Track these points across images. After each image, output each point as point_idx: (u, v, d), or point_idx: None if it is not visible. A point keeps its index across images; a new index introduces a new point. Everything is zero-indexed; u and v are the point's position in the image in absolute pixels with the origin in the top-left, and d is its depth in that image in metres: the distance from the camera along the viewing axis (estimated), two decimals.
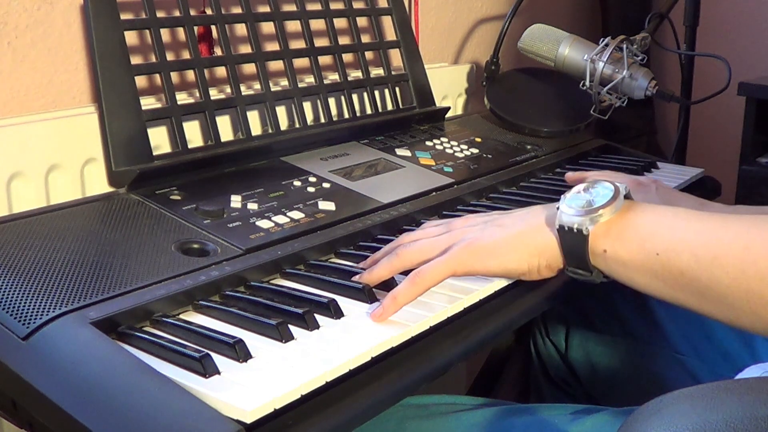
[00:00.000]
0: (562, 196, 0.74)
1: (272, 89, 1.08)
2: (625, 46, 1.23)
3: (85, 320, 0.66)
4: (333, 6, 1.19)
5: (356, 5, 1.24)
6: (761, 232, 0.63)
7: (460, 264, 0.75)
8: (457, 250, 0.75)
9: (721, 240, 0.65)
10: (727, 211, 0.98)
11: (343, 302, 0.75)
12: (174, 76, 0.99)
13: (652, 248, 0.68)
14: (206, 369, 0.61)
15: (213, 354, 0.63)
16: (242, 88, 1.06)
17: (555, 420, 0.80)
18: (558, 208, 0.73)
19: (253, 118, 1.09)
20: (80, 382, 0.60)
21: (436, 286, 0.75)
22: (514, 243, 0.75)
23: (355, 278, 0.78)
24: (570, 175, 1.10)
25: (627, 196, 0.72)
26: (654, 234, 0.68)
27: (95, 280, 0.71)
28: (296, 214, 0.90)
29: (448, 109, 1.34)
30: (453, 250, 0.75)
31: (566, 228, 0.71)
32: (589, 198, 0.72)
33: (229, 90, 1.05)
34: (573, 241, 0.71)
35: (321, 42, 1.17)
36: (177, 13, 1.01)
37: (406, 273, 0.76)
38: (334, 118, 1.16)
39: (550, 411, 0.82)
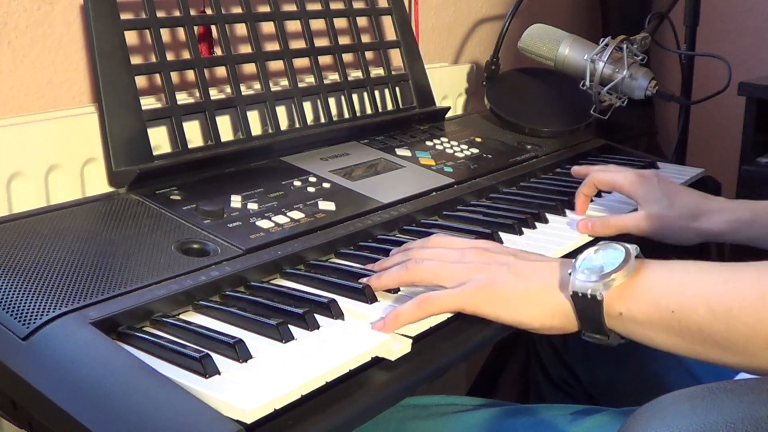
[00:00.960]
0: (573, 261, 0.72)
1: (272, 89, 1.08)
2: (625, 46, 1.23)
3: (85, 320, 0.66)
4: (333, 6, 1.19)
5: (356, 5, 1.24)
6: None
7: (471, 304, 0.73)
8: (470, 288, 0.74)
9: (735, 291, 0.64)
10: (727, 207, 0.98)
11: (343, 302, 0.75)
12: (174, 76, 0.99)
13: (667, 306, 0.67)
14: (206, 369, 0.61)
15: (213, 354, 0.63)
16: (242, 88, 1.06)
17: (555, 420, 0.80)
18: (570, 273, 0.72)
19: (253, 118, 1.09)
20: (80, 382, 0.60)
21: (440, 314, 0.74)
22: (529, 299, 0.73)
23: (363, 281, 0.78)
24: (576, 169, 1.11)
25: (638, 256, 0.71)
26: (667, 291, 0.68)
27: (95, 280, 0.71)
28: (296, 214, 0.90)
29: (448, 109, 1.34)
30: (467, 287, 0.74)
31: (580, 294, 0.70)
32: (602, 262, 0.71)
33: (229, 90, 1.05)
34: (587, 307, 0.70)
35: (321, 42, 1.17)
36: (177, 13, 1.01)
37: None
38: (334, 118, 1.16)
39: (550, 411, 0.82)
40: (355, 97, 1.21)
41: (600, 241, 0.74)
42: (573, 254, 0.93)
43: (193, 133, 1.03)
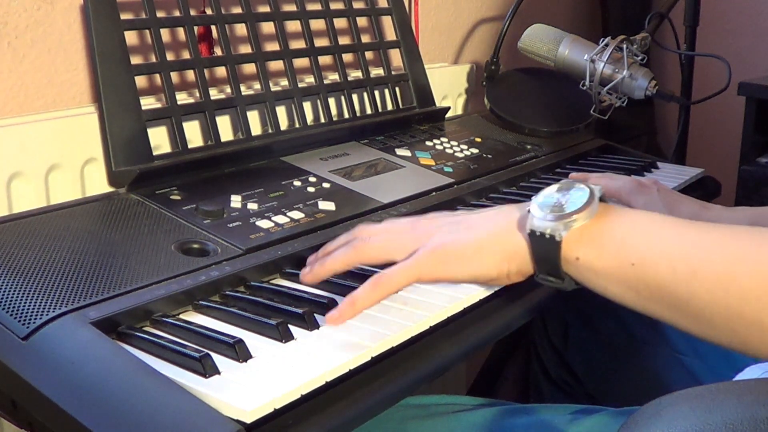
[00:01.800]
0: (534, 196, 0.69)
1: (272, 89, 1.08)
2: (625, 46, 1.23)
3: (85, 320, 0.66)
4: (333, 6, 1.19)
5: (356, 5, 1.24)
6: (743, 246, 0.60)
7: (426, 270, 0.70)
8: (422, 254, 0.70)
9: (701, 252, 0.61)
10: (725, 216, 0.98)
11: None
12: (174, 76, 0.99)
13: (627, 258, 0.64)
14: (206, 369, 0.61)
15: (213, 354, 0.63)
16: (242, 88, 1.06)
17: (555, 420, 0.80)
18: (528, 210, 0.68)
19: (253, 118, 1.09)
20: (80, 382, 0.60)
21: (398, 291, 0.71)
22: (482, 247, 0.70)
23: (305, 271, 0.74)
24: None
25: (602, 199, 0.68)
26: (629, 242, 0.64)
27: (95, 280, 0.71)
28: (296, 214, 0.90)
29: (448, 109, 1.34)
30: (418, 254, 0.70)
31: (537, 233, 0.67)
32: (563, 201, 0.67)
33: (229, 90, 1.05)
34: (544, 247, 0.67)
35: (321, 42, 1.17)
36: (177, 13, 1.01)
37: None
38: (334, 118, 1.16)
39: (550, 411, 0.82)
40: (355, 97, 1.21)
41: (562, 180, 0.70)
42: None
43: (193, 133, 1.03)
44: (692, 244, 0.62)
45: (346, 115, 1.18)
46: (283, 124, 1.10)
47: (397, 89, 1.28)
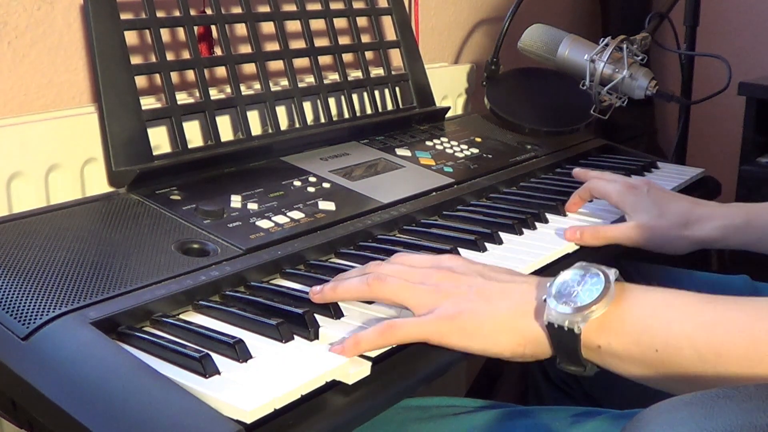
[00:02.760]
0: (549, 285, 0.68)
1: (272, 89, 1.08)
2: (625, 46, 1.23)
3: (85, 320, 0.66)
4: (333, 6, 1.19)
5: (356, 5, 1.24)
6: (764, 320, 0.60)
7: (438, 334, 0.69)
8: (437, 318, 0.69)
9: (724, 335, 0.61)
10: (718, 213, 0.97)
11: (343, 302, 0.75)
12: (174, 76, 0.99)
13: (650, 344, 0.63)
14: (206, 369, 0.61)
15: (213, 354, 0.63)
16: (242, 88, 1.06)
17: (555, 423, 0.79)
18: (545, 300, 0.67)
19: (253, 118, 1.09)
20: (80, 382, 0.60)
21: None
22: (499, 326, 0.69)
23: (316, 289, 0.74)
24: (577, 171, 1.10)
25: (618, 279, 0.67)
26: (650, 327, 0.64)
27: (95, 280, 0.71)
28: (296, 214, 0.90)
29: (448, 109, 1.34)
30: (433, 317, 0.69)
31: (556, 326, 0.66)
32: (579, 290, 0.66)
33: (229, 90, 1.05)
34: (563, 338, 0.66)
35: (321, 42, 1.17)
36: (177, 13, 1.01)
37: None
38: (334, 118, 1.16)
39: (550, 414, 0.82)
40: (355, 97, 1.21)
41: (577, 263, 0.69)
42: (573, 255, 0.94)
43: (193, 133, 1.03)
44: (714, 325, 0.62)
45: (346, 115, 1.18)
46: (283, 124, 1.10)
47: (397, 89, 1.28)
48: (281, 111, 1.11)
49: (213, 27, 1.06)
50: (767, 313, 0.60)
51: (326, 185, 0.99)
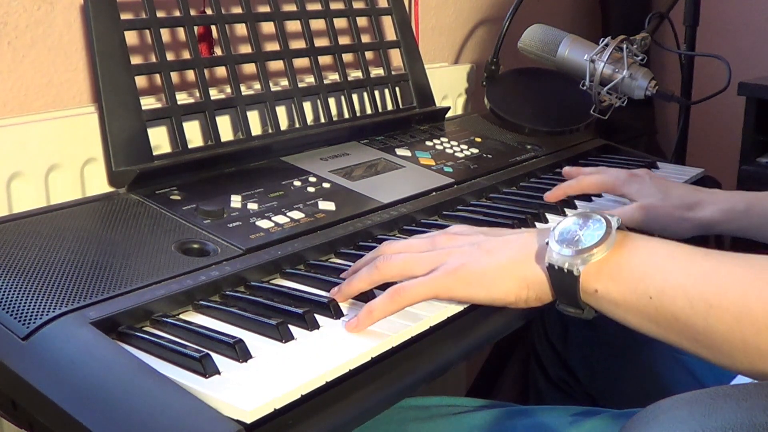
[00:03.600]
0: (552, 229, 0.70)
1: (272, 89, 1.08)
2: (625, 46, 1.23)
3: (85, 320, 0.66)
4: (333, 6, 1.19)
5: (356, 5, 1.24)
6: (758, 277, 0.61)
7: (444, 288, 0.72)
8: (442, 273, 0.72)
9: (717, 286, 0.62)
10: (719, 198, 0.98)
11: (343, 302, 0.75)
12: (174, 76, 0.99)
13: (644, 290, 0.65)
14: (206, 369, 0.61)
15: (213, 354, 0.63)
16: (242, 88, 1.06)
17: (555, 423, 0.80)
18: (547, 243, 0.69)
19: (253, 118, 1.09)
20: (80, 382, 0.60)
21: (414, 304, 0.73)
22: (501, 272, 0.71)
23: (334, 290, 0.75)
24: (567, 169, 1.11)
25: (620, 227, 0.69)
26: (647, 275, 0.65)
27: (95, 280, 0.71)
28: (296, 214, 0.90)
29: (448, 109, 1.34)
30: (438, 272, 0.72)
31: (556, 267, 0.68)
32: (580, 233, 0.68)
33: (229, 90, 1.05)
34: (563, 280, 0.68)
35: (321, 42, 1.17)
36: (177, 13, 1.01)
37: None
38: (334, 118, 1.16)
39: (550, 413, 0.82)
40: (355, 97, 1.21)
41: (579, 211, 0.72)
42: None
43: (193, 133, 1.03)
44: (707, 276, 0.63)
45: (346, 115, 1.18)
46: (283, 124, 1.10)
47: (397, 89, 1.28)
48: (281, 111, 1.11)
49: (213, 27, 1.06)
50: (759, 269, 0.62)
51: (326, 185, 0.99)
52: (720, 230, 1.00)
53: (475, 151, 1.22)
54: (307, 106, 1.14)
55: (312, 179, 1.00)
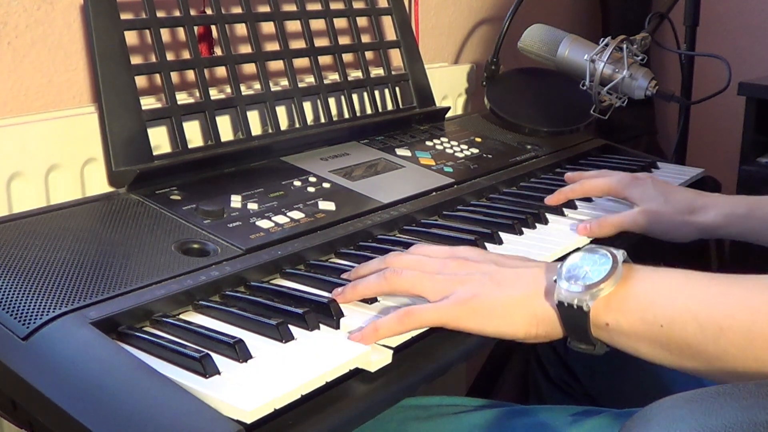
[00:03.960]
0: (559, 266, 0.71)
1: (272, 89, 1.08)
2: (625, 46, 1.23)
3: (85, 320, 0.66)
4: (333, 6, 1.19)
5: (356, 5, 1.24)
6: (766, 297, 0.62)
7: (454, 318, 0.72)
8: (452, 303, 0.72)
9: (726, 308, 0.63)
10: (721, 203, 0.98)
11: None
12: (174, 76, 0.99)
13: (654, 319, 0.66)
14: (206, 369, 0.61)
15: (213, 354, 0.63)
16: (242, 88, 1.06)
17: (555, 422, 0.80)
18: (555, 281, 0.70)
19: (253, 118, 1.09)
20: (80, 382, 0.60)
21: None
22: (511, 308, 0.71)
23: (338, 291, 0.76)
24: (569, 175, 1.11)
25: (626, 261, 0.69)
26: (656, 304, 0.66)
27: (95, 280, 0.71)
28: (296, 214, 0.90)
29: (448, 109, 1.34)
30: (449, 301, 0.72)
31: (566, 304, 0.69)
32: (588, 269, 0.69)
33: (229, 90, 1.05)
34: (573, 317, 0.69)
35: (321, 42, 1.17)
36: (177, 13, 1.01)
37: None
38: (334, 118, 1.16)
39: (550, 413, 0.82)
40: (355, 97, 1.21)
41: (585, 245, 0.72)
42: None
43: (193, 133, 1.03)
44: (716, 300, 0.64)
45: (346, 115, 1.18)
46: (283, 124, 1.10)
47: (397, 89, 1.28)
48: (281, 111, 1.11)
49: (213, 27, 1.06)
50: (766, 288, 0.62)
51: (326, 185, 0.99)
52: (721, 234, 1.00)
53: (475, 151, 1.22)
54: (307, 106, 1.14)
55: (312, 179, 1.00)
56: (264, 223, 0.87)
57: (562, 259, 0.72)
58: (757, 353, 0.61)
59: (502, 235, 0.94)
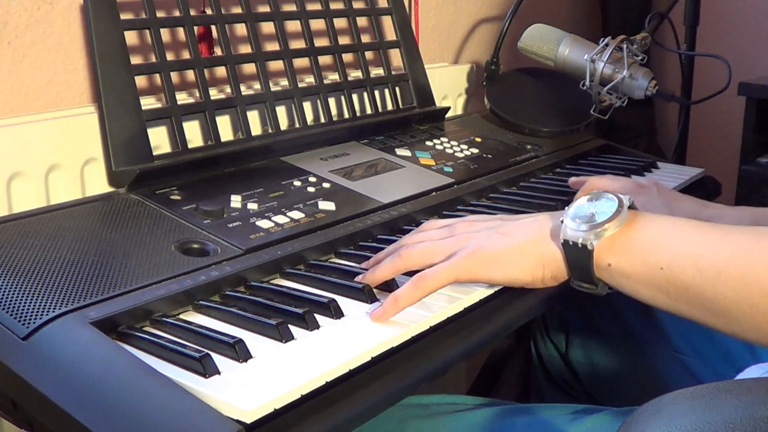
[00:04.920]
0: (566, 208, 0.74)
1: (272, 89, 1.08)
2: (625, 46, 1.23)
3: (85, 320, 0.66)
4: (333, 6, 1.19)
5: (356, 5, 1.24)
6: (764, 245, 0.63)
7: (464, 271, 0.75)
8: (461, 257, 0.75)
9: (725, 254, 0.64)
10: (727, 214, 0.98)
11: (343, 302, 0.75)
12: (174, 76, 0.99)
13: (656, 262, 0.67)
14: (206, 369, 0.61)
15: (213, 354, 0.63)
16: (242, 88, 1.06)
17: (555, 420, 0.80)
18: (562, 221, 0.72)
19: (253, 118, 1.09)
20: (80, 382, 0.60)
21: (438, 290, 0.75)
22: (518, 253, 0.75)
23: (358, 278, 0.78)
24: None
25: (631, 206, 0.72)
26: (658, 247, 0.68)
27: (95, 280, 0.71)
28: (296, 214, 0.90)
29: (448, 109, 1.34)
30: (457, 256, 0.75)
31: (570, 243, 0.71)
32: (593, 211, 0.71)
33: (229, 90, 1.05)
34: (577, 255, 0.71)
35: (321, 42, 1.17)
36: (177, 13, 1.01)
37: (409, 275, 0.77)
38: (334, 118, 1.16)
39: (550, 411, 0.82)
40: (355, 97, 1.21)
41: (594, 191, 0.74)
42: None
43: (193, 133, 1.03)
44: (716, 246, 0.66)
45: (346, 115, 1.18)
46: (283, 124, 1.10)
47: (397, 89, 1.28)
48: (281, 111, 1.11)
49: (213, 27, 1.06)
50: (765, 237, 0.64)
51: (326, 185, 0.99)
52: None
53: (475, 151, 1.22)
54: (307, 106, 1.14)
55: (312, 179, 1.00)
56: (264, 223, 0.87)
57: None
58: (753, 299, 0.62)
59: None
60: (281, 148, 1.05)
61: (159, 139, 0.98)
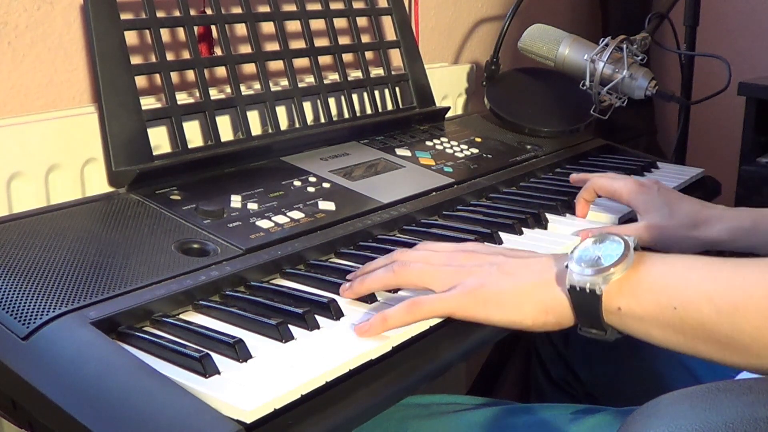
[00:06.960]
0: (570, 252, 0.71)
1: (272, 89, 1.08)
2: (625, 46, 1.23)
3: (85, 320, 0.66)
4: (333, 6, 1.19)
5: (356, 5, 1.24)
6: None
7: (461, 308, 0.72)
8: (460, 292, 0.72)
9: (741, 289, 0.63)
10: (727, 215, 0.98)
11: (343, 302, 0.75)
12: (174, 76, 0.99)
13: (668, 302, 0.65)
14: (206, 369, 0.61)
15: (213, 354, 0.63)
16: (242, 88, 1.06)
17: (555, 420, 0.80)
18: (567, 265, 0.70)
19: (253, 118, 1.09)
20: (80, 382, 0.60)
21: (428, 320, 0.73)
22: (521, 296, 0.72)
23: (343, 286, 0.76)
24: (574, 177, 1.10)
25: (636, 248, 0.70)
26: (669, 287, 0.66)
27: (95, 280, 0.71)
28: (296, 214, 0.90)
29: (448, 109, 1.34)
30: (456, 291, 0.72)
31: (578, 288, 0.68)
32: (599, 254, 0.69)
33: (229, 90, 1.05)
34: (585, 301, 0.69)
35: (321, 42, 1.17)
36: (177, 13, 1.01)
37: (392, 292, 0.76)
38: (334, 118, 1.16)
39: (550, 411, 0.82)
40: (355, 97, 1.21)
41: (598, 233, 0.72)
42: None
43: (193, 133, 1.03)
44: (730, 281, 0.64)
45: (346, 115, 1.18)
46: (283, 124, 1.10)
47: (397, 89, 1.28)
48: (281, 111, 1.11)
49: (213, 27, 1.06)
50: None
51: (326, 185, 0.99)
52: (726, 248, 0.99)
53: (475, 151, 1.22)
54: (307, 106, 1.14)
55: (312, 179, 1.00)
56: (264, 223, 0.87)
57: None
58: None
59: (502, 235, 0.94)
60: (281, 148, 1.05)
61: (159, 139, 0.98)
